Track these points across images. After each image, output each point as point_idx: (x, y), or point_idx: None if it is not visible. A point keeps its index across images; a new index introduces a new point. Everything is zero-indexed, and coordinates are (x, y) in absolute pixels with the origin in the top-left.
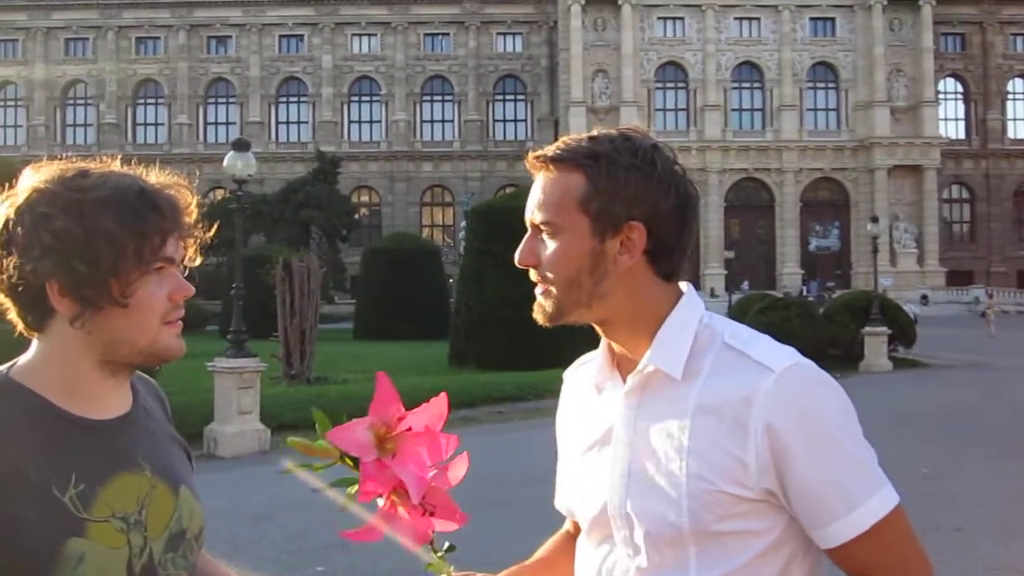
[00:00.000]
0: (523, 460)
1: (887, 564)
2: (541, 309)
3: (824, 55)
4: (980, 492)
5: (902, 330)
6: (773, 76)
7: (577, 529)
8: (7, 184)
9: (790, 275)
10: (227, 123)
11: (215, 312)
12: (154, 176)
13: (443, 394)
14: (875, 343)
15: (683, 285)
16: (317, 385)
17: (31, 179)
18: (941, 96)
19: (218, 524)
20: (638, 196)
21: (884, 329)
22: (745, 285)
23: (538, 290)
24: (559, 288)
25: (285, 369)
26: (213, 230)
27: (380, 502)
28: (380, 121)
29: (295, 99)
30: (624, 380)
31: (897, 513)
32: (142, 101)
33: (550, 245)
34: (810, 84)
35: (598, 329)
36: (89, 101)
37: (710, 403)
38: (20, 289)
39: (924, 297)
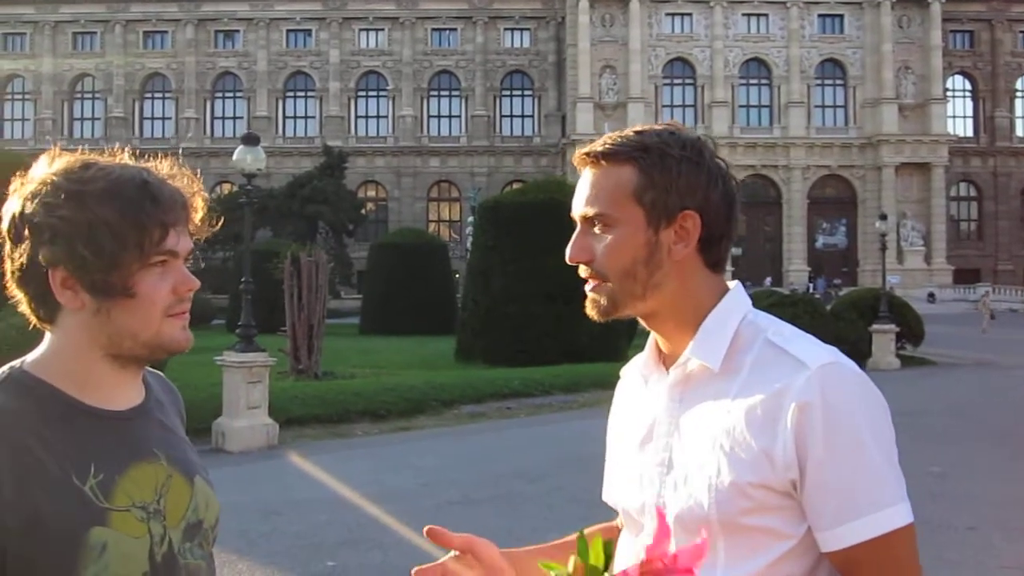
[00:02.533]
0: (532, 455)
1: None
2: (595, 304)
3: (832, 52)
4: (991, 490)
5: (910, 328)
6: (781, 73)
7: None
8: (16, 176)
9: (797, 272)
10: (234, 117)
11: (222, 307)
12: (164, 167)
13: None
14: (883, 341)
15: (731, 283)
16: (325, 380)
17: (40, 170)
18: (949, 93)
19: (230, 518)
20: (690, 186)
21: (892, 327)
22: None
23: (589, 286)
24: (615, 280)
25: (293, 364)
26: (220, 223)
27: None
28: (387, 116)
29: (302, 94)
30: (668, 372)
31: (907, 532)
32: (149, 95)
33: (605, 238)
34: (818, 81)
35: (643, 323)
36: (96, 95)
37: (747, 398)
38: (29, 280)
39: (931, 295)
